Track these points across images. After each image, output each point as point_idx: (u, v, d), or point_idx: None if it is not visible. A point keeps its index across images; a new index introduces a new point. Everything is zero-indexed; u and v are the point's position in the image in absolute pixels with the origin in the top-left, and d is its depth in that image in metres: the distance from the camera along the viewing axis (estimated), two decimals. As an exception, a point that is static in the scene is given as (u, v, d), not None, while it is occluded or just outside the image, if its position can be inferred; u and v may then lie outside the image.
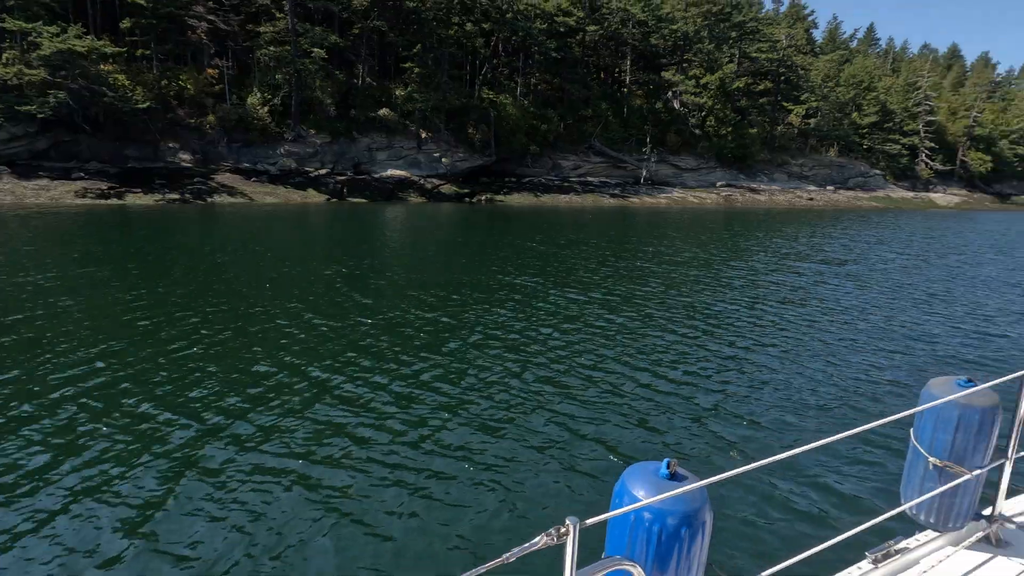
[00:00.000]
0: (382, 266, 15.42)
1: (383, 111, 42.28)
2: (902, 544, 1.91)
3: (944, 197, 68.41)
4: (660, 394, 6.83)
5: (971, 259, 20.87)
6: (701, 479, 1.41)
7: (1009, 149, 78.03)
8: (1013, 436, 1.93)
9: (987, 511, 1.97)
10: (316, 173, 38.85)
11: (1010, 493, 2.02)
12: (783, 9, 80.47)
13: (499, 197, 44.46)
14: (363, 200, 38.91)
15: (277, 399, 6.29)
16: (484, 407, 6.27)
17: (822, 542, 1.62)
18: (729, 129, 58.99)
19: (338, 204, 36.52)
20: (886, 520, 1.81)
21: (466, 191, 43.94)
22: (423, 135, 43.72)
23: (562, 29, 51.03)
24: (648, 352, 8.45)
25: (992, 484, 2.00)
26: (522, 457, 5.22)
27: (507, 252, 18.30)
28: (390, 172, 42.11)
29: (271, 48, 37.65)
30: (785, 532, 4.17)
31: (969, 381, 1.81)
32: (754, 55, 61.12)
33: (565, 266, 15.86)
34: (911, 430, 1.94)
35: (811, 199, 58.81)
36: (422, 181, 42.85)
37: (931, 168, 73.23)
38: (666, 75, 58.79)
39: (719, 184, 57.47)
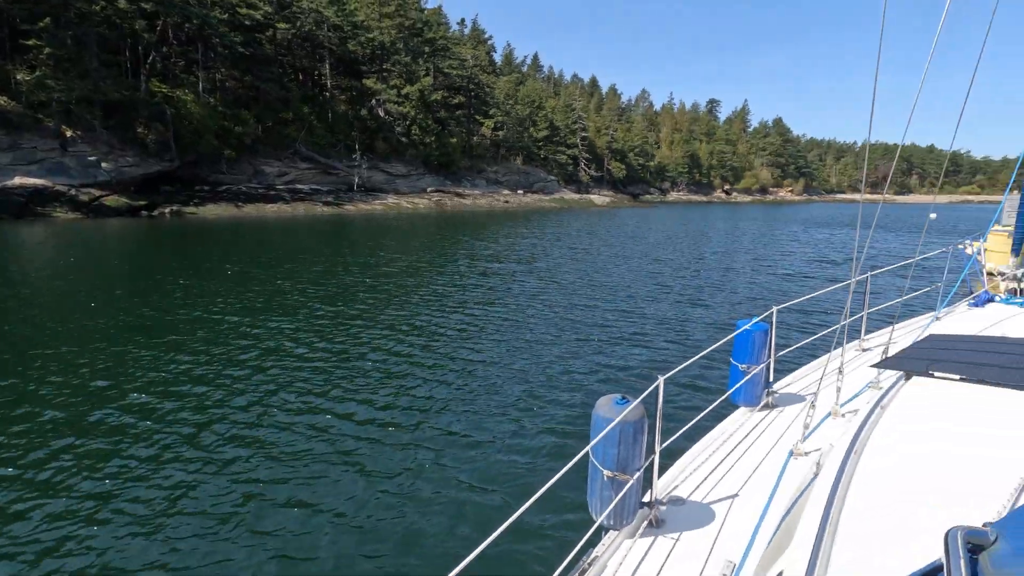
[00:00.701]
0: None
1: (-3, 100, 31.88)
2: (594, 553, 2.26)
3: (600, 197, 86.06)
4: (358, 432, 6.23)
5: (619, 249, 26.75)
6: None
7: (635, 160, 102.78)
8: (657, 435, 2.46)
9: (647, 498, 2.46)
10: None
11: (658, 476, 2.56)
12: (467, 31, 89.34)
13: (190, 209, 38.21)
14: (-25, 219, 28.74)
15: None
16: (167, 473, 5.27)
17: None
18: (433, 138, 62.88)
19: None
20: (587, 532, 2.15)
21: (143, 203, 36.42)
22: (68, 133, 34.51)
23: (248, 23, 46.54)
24: (352, 379, 7.77)
25: (646, 475, 2.49)
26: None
27: (193, 280, 14.93)
28: (18, 181, 31.85)
29: None
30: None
31: (624, 399, 2.22)
32: (447, 71, 66.35)
33: (269, 289, 13.90)
34: (589, 448, 2.27)
35: (507, 202, 66.98)
36: (73, 192, 33.72)
37: (588, 174, 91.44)
38: (368, 83, 59.21)
39: (429, 189, 60.83)
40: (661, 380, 2.36)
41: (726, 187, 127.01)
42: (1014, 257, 6.28)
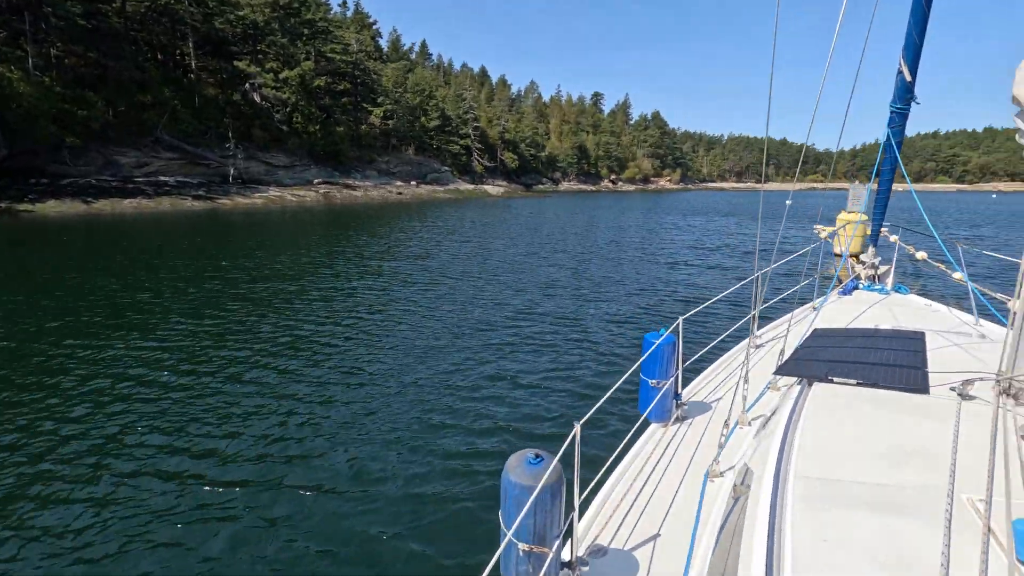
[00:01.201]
0: None
1: None
2: None
3: (494, 188, 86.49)
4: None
5: (514, 243, 26.91)
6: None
7: (527, 150, 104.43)
8: (576, 488, 2.24)
9: (567, 555, 2.23)
10: None
11: (577, 519, 2.35)
12: (349, 13, 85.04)
13: (24, 206, 32.75)
14: None
15: None
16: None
17: None
18: (317, 127, 59.31)
19: None
20: None
21: (-41, 200, 30.66)
22: None
23: (89, -9, 40.58)
24: (211, 413, 6.58)
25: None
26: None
27: (22, 294, 12.66)
28: None
29: None
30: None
31: (538, 458, 1.96)
32: (329, 55, 62.71)
33: (117, 302, 11.85)
34: (499, 513, 2.00)
35: (400, 193, 65.10)
36: None
37: (482, 165, 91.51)
38: (240, 65, 54.32)
39: (316, 181, 57.39)
40: (577, 428, 2.14)
41: (613, 177, 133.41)
42: (872, 247, 6.97)
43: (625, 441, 3.18)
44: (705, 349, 4.66)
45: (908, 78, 5.70)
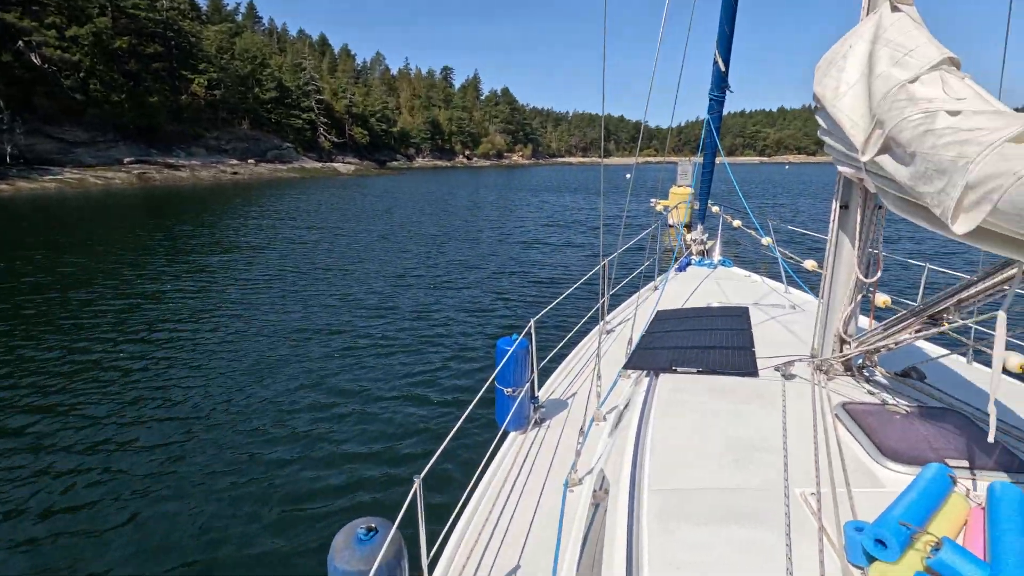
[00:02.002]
0: None
1: None
2: None
3: (344, 166, 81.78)
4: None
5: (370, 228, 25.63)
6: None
7: (377, 125, 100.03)
8: (421, 544, 1.97)
9: None
10: None
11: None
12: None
13: None
14: None
15: None
16: None
17: None
18: (123, 95, 50.79)
19: None
20: None
21: None
22: None
23: None
24: None
25: None
26: None
27: None
28: None
29: None
30: None
31: (370, 532, 1.66)
32: (132, 11, 53.65)
33: None
34: None
35: (236, 173, 58.67)
36: None
37: (330, 141, 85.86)
38: (9, 18, 44.18)
39: (128, 160, 49.42)
40: (418, 482, 1.88)
41: (467, 152, 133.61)
42: (701, 224, 7.60)
43: (485, 459, 3.02)
44: (559, 345, 4.66)
45: (723, 68, 6.18)
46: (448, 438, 2.37)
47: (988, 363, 3.38)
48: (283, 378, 7.31)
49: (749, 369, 2.88)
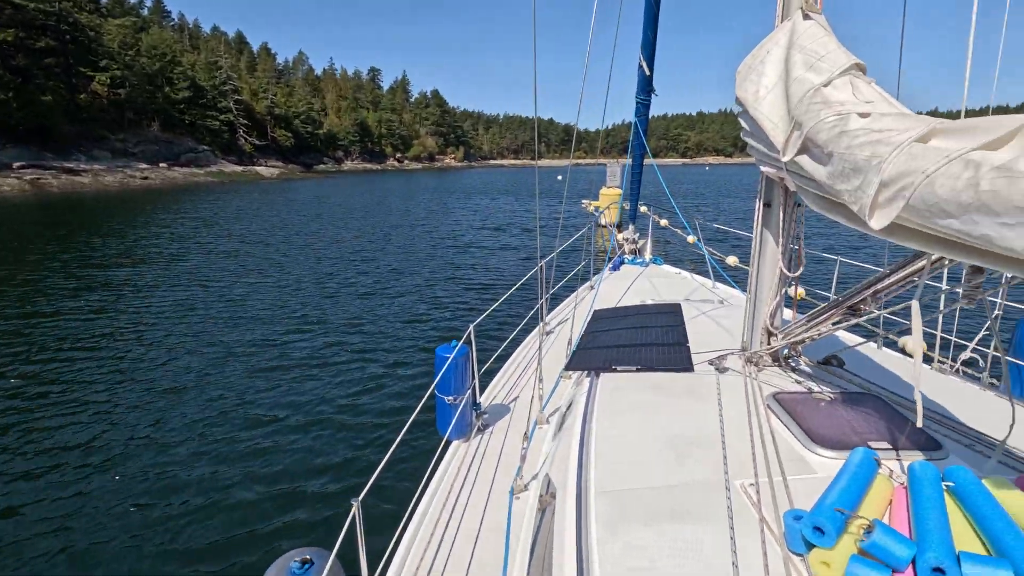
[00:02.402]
0: None
1: None
2: None
3: (267, 169, 78.13)
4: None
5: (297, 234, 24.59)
6: None
7: (302, 127, 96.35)
8: (363, 569, 1.86)
9: None
10: None
11: None
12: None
13: None
14: None
15: None
16: None
17: None
18: (10, 94, 46.08)
19: None
20: None
21: None
22: None
23: None
24: None
25: None
26: None
27: None
28: None
29: None
30: None
31: (305, 565, 1.54)
32: (20, 3, 48.79)
33: None
34: None
35: (147, 178, 54.58)
36: None
37: (251, 143, 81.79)
38: None
39: (17, 165, 44.85)
40: (356, 504, 1.77)
41: (398, 155, 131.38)
42: (632, 224, 7.81)
43: (428, 471, 2.91)
44: (500, 348, 4.62)
45: (647, 72, 6.37)
46: (387, 456, 2.26)
47: (895, 348, 3.65)
48: (205, 400, 6.80)
49: (685, 364, 2.95)
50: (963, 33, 2.33)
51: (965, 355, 3.11)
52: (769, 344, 2.84)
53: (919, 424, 1.65)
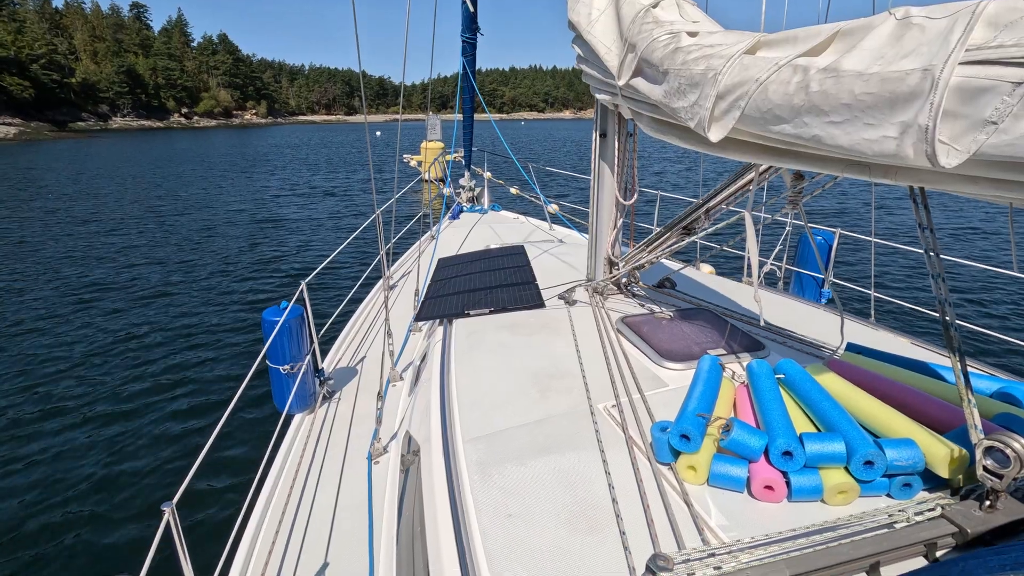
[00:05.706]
0: None
1: None
2: None
3: (1, 127, 61.77)
4: None
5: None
6: None
7: (43, 74, 77.35)
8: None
9: None
10: None
11: None
12: None
13: None
14: None
15: None
16: None
17: None
18: None
19: None
20: None
21: None
22: None
23: None
24: None
25: None
26: None
27: None
28: None
29: None
30: None
31: None
32: None
33: None
34: None
35: None
36: None
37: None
38: None
39: None
40: (169, 509, 1.43)
41: (184, 111, 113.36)
42: (467, 172, 7.72)
43: (267, 453, 2.52)
44: (342, 305, 4.22)
45: (471, 9, 6.15)
46: (207, 446, 1.87)
47: (714, 268, 4.12)
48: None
49: (536, 301, 2.95)
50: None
51: (766, 268, 3.61)
52: (611, 273, 2.96)
53: (762, 322, 1.81)
